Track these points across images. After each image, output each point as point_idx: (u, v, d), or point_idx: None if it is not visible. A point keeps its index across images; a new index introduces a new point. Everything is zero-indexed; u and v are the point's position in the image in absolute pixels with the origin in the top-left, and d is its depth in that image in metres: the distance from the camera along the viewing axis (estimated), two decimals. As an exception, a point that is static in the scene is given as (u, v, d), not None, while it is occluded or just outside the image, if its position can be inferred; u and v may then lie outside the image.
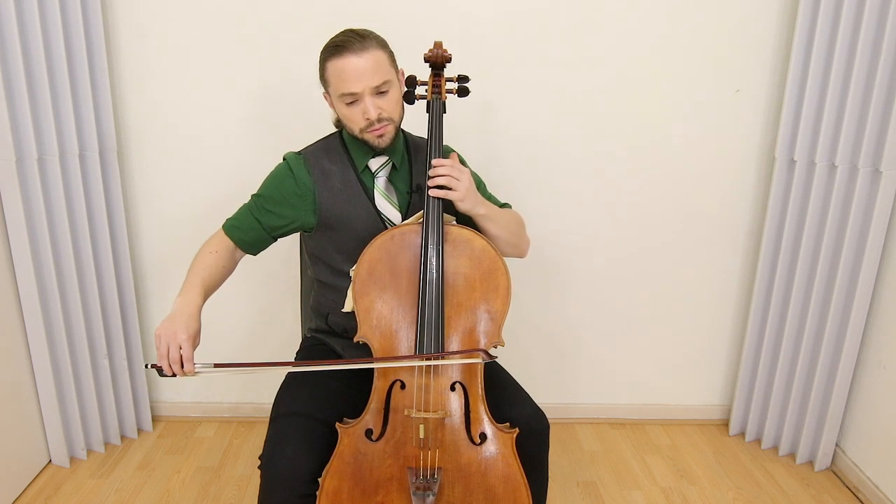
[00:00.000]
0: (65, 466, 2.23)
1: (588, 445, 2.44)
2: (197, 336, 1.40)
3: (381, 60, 1.47)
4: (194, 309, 1.42)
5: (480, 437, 1.42)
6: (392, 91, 1.50)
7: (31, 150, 1.94)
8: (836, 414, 2.24)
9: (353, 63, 1.44)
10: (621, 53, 2.21)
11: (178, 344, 1.34)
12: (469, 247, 1.45)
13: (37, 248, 2.02)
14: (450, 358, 1.41)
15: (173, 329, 1.35)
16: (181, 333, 1.35)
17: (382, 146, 1.53)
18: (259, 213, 1.59)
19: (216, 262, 1.55)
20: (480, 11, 2.16)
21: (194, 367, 1.36)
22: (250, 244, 1.61)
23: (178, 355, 1.34)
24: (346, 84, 1.45)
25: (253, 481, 2.18)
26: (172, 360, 1.34)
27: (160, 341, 1.35)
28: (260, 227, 1.60)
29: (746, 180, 2.35)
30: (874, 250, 2.07)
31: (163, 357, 1.35)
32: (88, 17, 2.03)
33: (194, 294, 1.45)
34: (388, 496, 1.41)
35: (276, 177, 1.60)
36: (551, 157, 2.31)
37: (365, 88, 1.45)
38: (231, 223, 1.61)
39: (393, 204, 1.60)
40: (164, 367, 1.35)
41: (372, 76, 1.45)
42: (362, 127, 1.50)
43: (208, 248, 1.58)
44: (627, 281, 2.45)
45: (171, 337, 1.35)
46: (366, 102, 1.47)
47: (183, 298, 1.44)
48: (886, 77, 1.96)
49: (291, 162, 1.59)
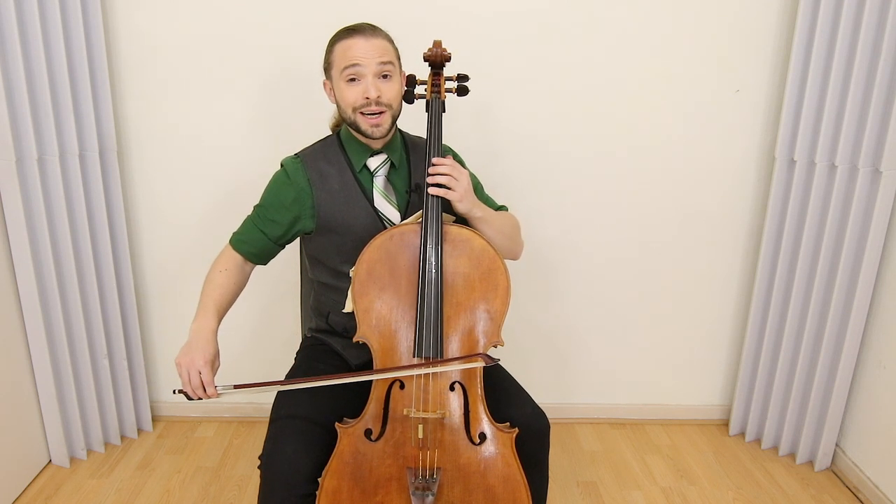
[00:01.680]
0: (65, 466, 2.23)
1: (588, 445, 2.44)
2: (216, 359, 1.43)
3: (388, 49, 1.51)
4: (209, 333, 1.45)
5: (480, 437, 1.42)
6: (394, 80, 1.52)
7: (31, 150, 1.94)
8: (836, 414, 2.24)
9: (361, 43, 1.48)
10: (621, 54, 2.21)
11: (198, 370, 1.38)
12: (468, 246, 1.44)
13: (37, 248, 2.02)
14: (450, 364, 1.41)
15: (191, 356, 1.39)
16: (199, 359, 1.38)
17: (376, 136, 1.53)
18: (262, 223, 1.60)
19: (227, 280, 1.56)
20: (480, 11, 2.16)
21: (217, 391, 1.39)
22: (258, 255, 1.62)
23: (199, 380, 1.38)
24: (350, 58, 1.47)
25: (253, 481, 2.18)
26: (194, 386, 1.38)
27: (181, 369, 1.38)
28: (265, 237, 1.60)
29: (746, 180, 2.34)
30: (874, 250, 2.07)
31: (185, 384, 1.38)
32: (88, 17, 2.03)
33: (208, 318, 1.48)
34: (387, 496, 1.41)
35: (275, 184, 1.61)
36: (551, 157, 2.31)
37: (370, 65, 1.47)
38: (237, 237, 1.63)
39: (392, 203, 1.60)
40: (188, 392, 1.39)
41: (378, 55, 1.48)
42: (357, 105, 1.50)
43: (218, 266, 1.59)
44: (627, 281, 2.45)
45: (190, 364, 1.38)
46: (367, 82, 1.48)
47: (198, 324, 1.47)
48: (886, 77, 1.96)
49: (288, 167, 1.59)
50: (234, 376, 2.48)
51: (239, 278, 1.60)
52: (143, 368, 2.40)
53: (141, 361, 2.39)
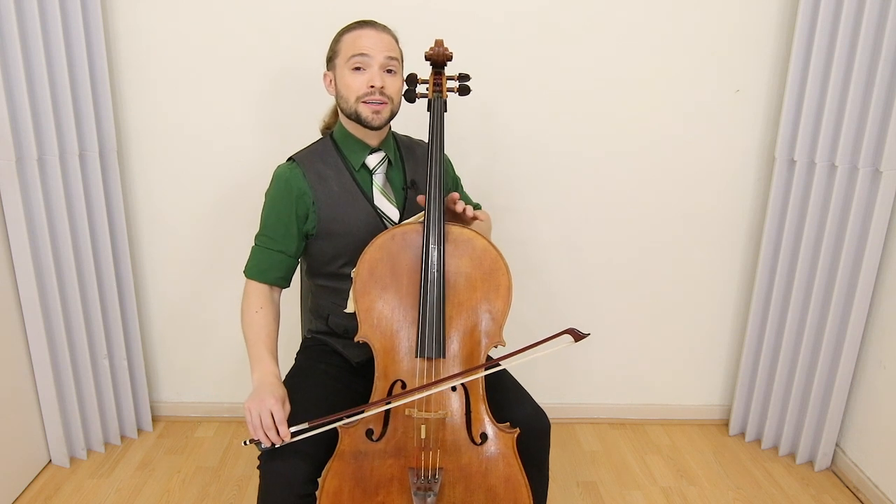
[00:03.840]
0: (65, 466, 2.23)
1: (588, 445, 2.44)
2: (286, 401, 1.41)
3: (395, 47, 1.55)
4: (273, 378, 1.44)
5: (481, 437, 1.42)
6: (397, 76, 1.54)
7: (31, 150, 1.94)
8: (836, 414, 2.24)
9: (371, 34, 1.51)
10: (621, 54, 2.21)
11: (269, 409, 1.34)
12: (470, 246, 1.44)
13: (37, 248, 2.02)
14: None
15: (261, 398, 1.36)
16: (269, 399, 1.35)
17: (375, 124, 1.53)
18: (275, 244, 1.57)
19: (265, 319, 1.54)
20: (481, 12, 2.16)
21: (289, 430, 1.35)
22: (285, 277, 1.60)
23: (271, 420, 1.34)
24: (359, 47, 1.49)
25: (253, 481, 2.17)
26: (266, 427, 1.33)
27: (250, 414, 1.35)
28: (284, 255, 1.58)
29: (746, 180, 2.35)
30: (874, 250, 2.07)
31: (256, 428, 1.34)
32: (88, 17, 2.02)
33: (266, 363, 1.47)
34: (388, 496, 1.40)
35: (274, 200, 1.57)
36: (551, 158, 2.31)
37: (377, 56, 1.49)
38: (256, 269, 1.58)
39: (391, 201, 1.60)
40: (260, 437, 1.34)
41: (386, 49, 1.51)
42: (361, 94, 1.50)
43: (251, 308, 1.55)
44: (627, 280, 2.45)
45: (261, 405, 1.34)
46: (374, 71, 1.50)
47: (259, 372, 1.45)
48: (886, 77, 1.96)
49: (284, 175, 1.57)
50: (235, 378, 2.50)
51: (275, 311, 1.57)
52: (143, 368, 2.40)
53: (141, 361, 2.39)
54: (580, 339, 1.32)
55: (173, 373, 2.51)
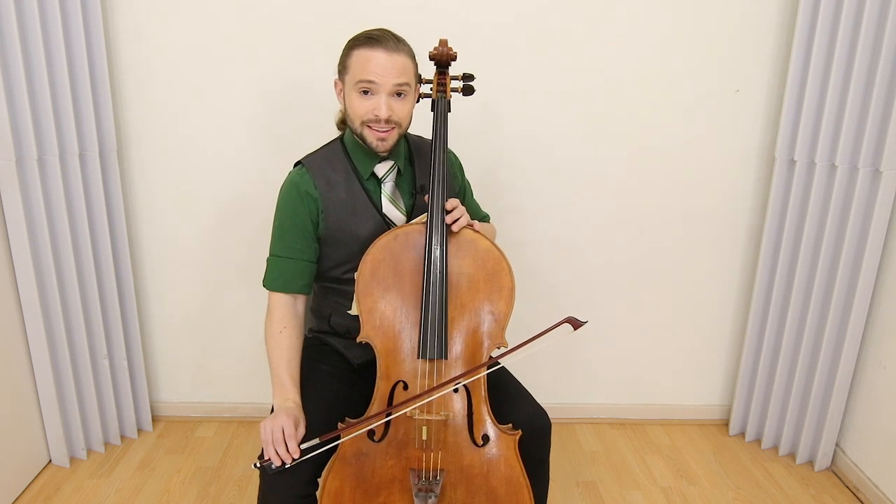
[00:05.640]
0: (65, 466, 2.22)
1: (588, 445, 2.44)
2: (301, 423, 1.43)
3: (408, 67, 1.47)
4: (293, 405, 1.46)
5: (483, 438, 1.42)
6: (408, 99, 1.49)
7: (31, 150, 1.94)
8: (836, 414, 2.25)
9: (382, 57, 1.43)
10: (621, 54, 2.21)
11: (281, 426, 1.37)
12: (473, 247, 1.44)
13: (37, 248, 2.02)
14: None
15: (276, 417, 1.40)
16: (282, 417, 1.39)
17: (380, 150, 1.51)
18: (294, 252, 1.55)
19: (288, 341, 1.54)
20: (482, 13, 2.16)
21: (299, 447, 1.37)
22: (308, 284, 1.60)
23: (281, 434, 1.37)
24: (368, 72, 1.43)
25: (253, 481, 2.17)
26: (276, 441, 1.36)
27: (264, 430, 1.38)
28: (306, 262, 1.56)
29: (746, 180, 2.35)
30: (874, 250, 2.07)
31: (267, 443, 1.37)
32: (88, 17, 2.02)
33: (287, 390, 1.49)
34: (389, 497, 1.41)
35: (287, 207, 1.55)
36: (552, 158, 2.30)
37: (385, 84, 1.44)
38: (278, 280, 1.56)
39: (399, 208, 1.59)
40: (270, 454, 1.36)
41: (396, 76, 1.44)
42: (365, 119, 1.47)
43: (275, 326, 1.54)
44: (628, 281, 2.45)
45: (274, 423, 1.38)
46: (381, 99, 1.45)
47: (280, 398, 1.48)
48: (886, 77, 1.96)
49: (296, 179, 1.55)
50: (235, 378, 2.49)
51: (299, 327, 1.57)
52: (143, 368, 2.40)
53: (141, 361, 2.39)
54: (579, 327, 1.37)
55: (173, 373, 2.51)
